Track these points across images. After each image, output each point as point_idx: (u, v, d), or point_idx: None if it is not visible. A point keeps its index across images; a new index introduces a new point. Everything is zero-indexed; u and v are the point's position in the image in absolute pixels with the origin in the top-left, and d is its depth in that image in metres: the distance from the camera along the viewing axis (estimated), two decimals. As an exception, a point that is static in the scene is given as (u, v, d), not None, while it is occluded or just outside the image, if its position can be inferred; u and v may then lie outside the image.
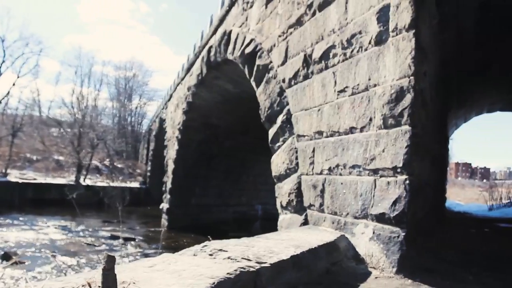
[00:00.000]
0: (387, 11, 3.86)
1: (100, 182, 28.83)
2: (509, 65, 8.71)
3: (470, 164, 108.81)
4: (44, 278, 8.73)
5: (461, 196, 28.98)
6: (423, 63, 3.80)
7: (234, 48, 9.16)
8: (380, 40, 3.93)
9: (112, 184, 28.05)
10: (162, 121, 24.59)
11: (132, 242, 14.17)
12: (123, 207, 18.04)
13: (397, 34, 3.70)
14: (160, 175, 21.35)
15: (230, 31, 9.63)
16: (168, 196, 17.90)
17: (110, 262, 1.75)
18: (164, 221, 18.12)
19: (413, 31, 3.53)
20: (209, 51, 12.02)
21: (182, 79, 17.84)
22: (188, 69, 16.31)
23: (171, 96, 21.42)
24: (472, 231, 7.54)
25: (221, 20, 10.92)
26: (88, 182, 27.96)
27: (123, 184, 29.59)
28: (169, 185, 17.95)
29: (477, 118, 14.78)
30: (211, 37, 12.29)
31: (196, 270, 2.17)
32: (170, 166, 18.06)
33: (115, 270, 1.77)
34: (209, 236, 4.37)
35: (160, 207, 18.85)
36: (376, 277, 3.26)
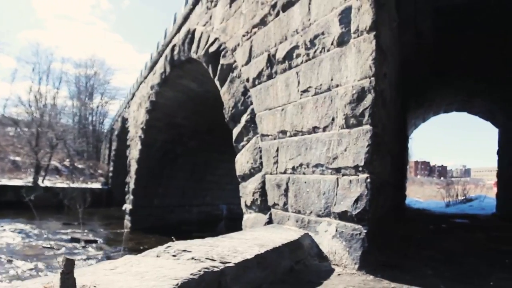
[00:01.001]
0: (348, 13, 3.90)
1: (59, 183, 27.78)
2: (464, 68, 9.10)
3: (429, 162, 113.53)
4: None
5: (420, 194, 30.06)
6: (383, 64, 3.87)
7: (198, 47, 9.03)
8: (342, 41, 3.97)
9: (72, 185, 27.15)
10: (124, 120, 23.90)
11: (94, 245, 13.69)
12: (84, 209, 17.41)
13: (358, 36, 3.75)
14: (123, 176, 20.81)
15: (194, 30, 9.49)
16: (131, 197, 17.45)
17: (69, 266, 1.67)
18: (127, 222, 17.66)
19: (374, 33, 3.58)
20: (172, 49, 11.81)
21: (145, 77, 17.43)
22: (151, 68, 15.96)
23: (133, 95, 20.87)
24: (431, 227, 7.81)
25: (185, 19, 10.73)
26: (47, 183, 26.83)
27: (84, 185, 28.67)
28: (132, 186, 17.50)
29: (435, 118, 15.35)
30: (174, 35, 12.06)
31: (159, 272, 2.11)
32: (133, 166, 17.62)
33: (74, 274, 1.69)
34: (172, 237, 4.29)
35: (123, 208, 18.35)
36: (339, 274, 3.27)
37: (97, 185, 30.79)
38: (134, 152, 17.97)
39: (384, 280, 3.10)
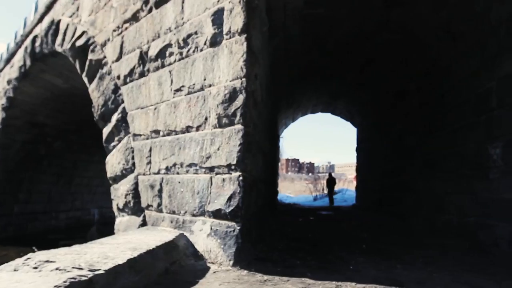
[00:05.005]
0: (221, 15, 3.86)
1: None
2: (327, 72, 9.92)
3: (298, 159, 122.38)
4: None
5: (291, 189, 32.19)
6: (254, 66, 3.91)
7: (63, 40, 8.07)
8: (215, 42, 3.91)
9: None
10: (-25, 118, 20.47)
11: None
12: None
13: (230, 37, 3.73)
14: (-27, 182, 17.78)
15: (59, 21, 8.44)
16: (-16, 205, 15.00)
17: None
18: (-22, 234, 15.13)
19: (245, 35, 3.60)
20: (34, 41, 10.37)
21: (1, 70, 15.13)
22: (8, 60, 13.82)
23: (-14, 89, 17.99)
24: (300, 220, 8.34)
25: (49, 8, 9.50)
26: None
27: None
28: (-16, 193, 15.05)
29: (304, 117, 16.51)
30: (36, 25, 10.60)
31: (17, 288, 1.80)
32: (-14, 171, 15.16)
33: None
34: (34, 247, 3.78)
35: (-27, 218, 15.68)
36: (214, 272, 3.22)
37: None
38: (-13, 155, 15.48)
39: (257, 274, 3.14)
